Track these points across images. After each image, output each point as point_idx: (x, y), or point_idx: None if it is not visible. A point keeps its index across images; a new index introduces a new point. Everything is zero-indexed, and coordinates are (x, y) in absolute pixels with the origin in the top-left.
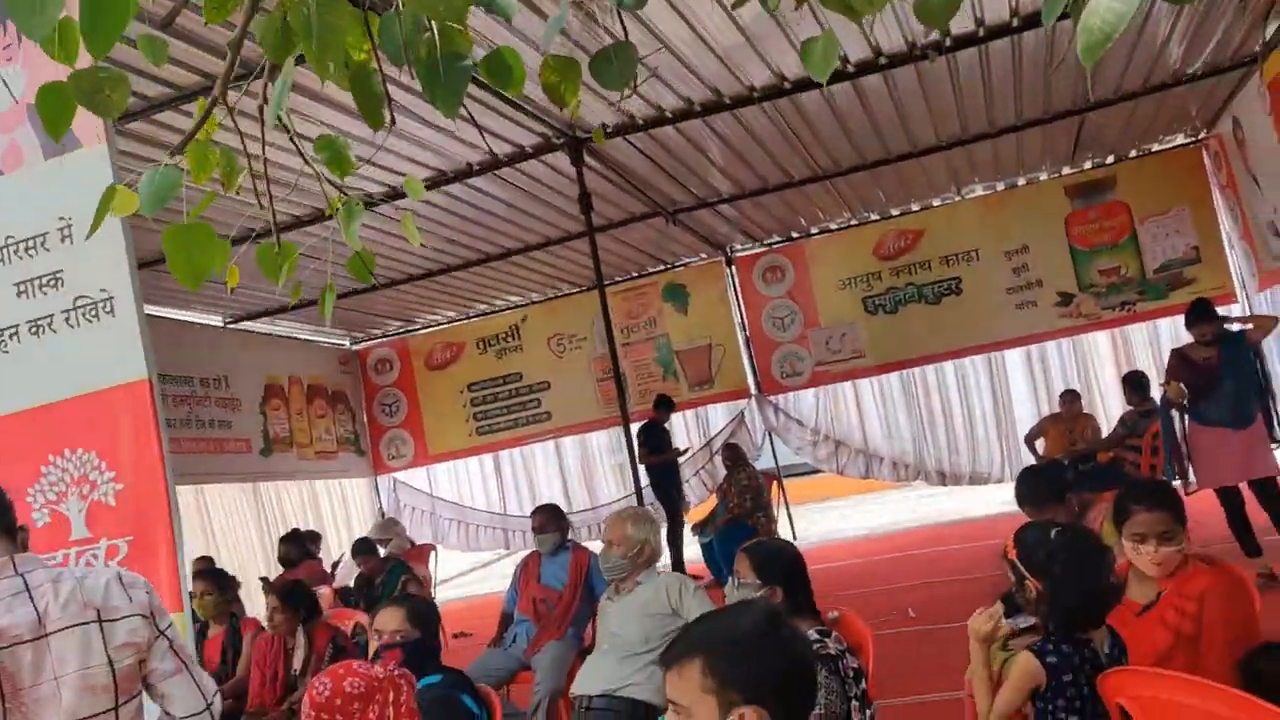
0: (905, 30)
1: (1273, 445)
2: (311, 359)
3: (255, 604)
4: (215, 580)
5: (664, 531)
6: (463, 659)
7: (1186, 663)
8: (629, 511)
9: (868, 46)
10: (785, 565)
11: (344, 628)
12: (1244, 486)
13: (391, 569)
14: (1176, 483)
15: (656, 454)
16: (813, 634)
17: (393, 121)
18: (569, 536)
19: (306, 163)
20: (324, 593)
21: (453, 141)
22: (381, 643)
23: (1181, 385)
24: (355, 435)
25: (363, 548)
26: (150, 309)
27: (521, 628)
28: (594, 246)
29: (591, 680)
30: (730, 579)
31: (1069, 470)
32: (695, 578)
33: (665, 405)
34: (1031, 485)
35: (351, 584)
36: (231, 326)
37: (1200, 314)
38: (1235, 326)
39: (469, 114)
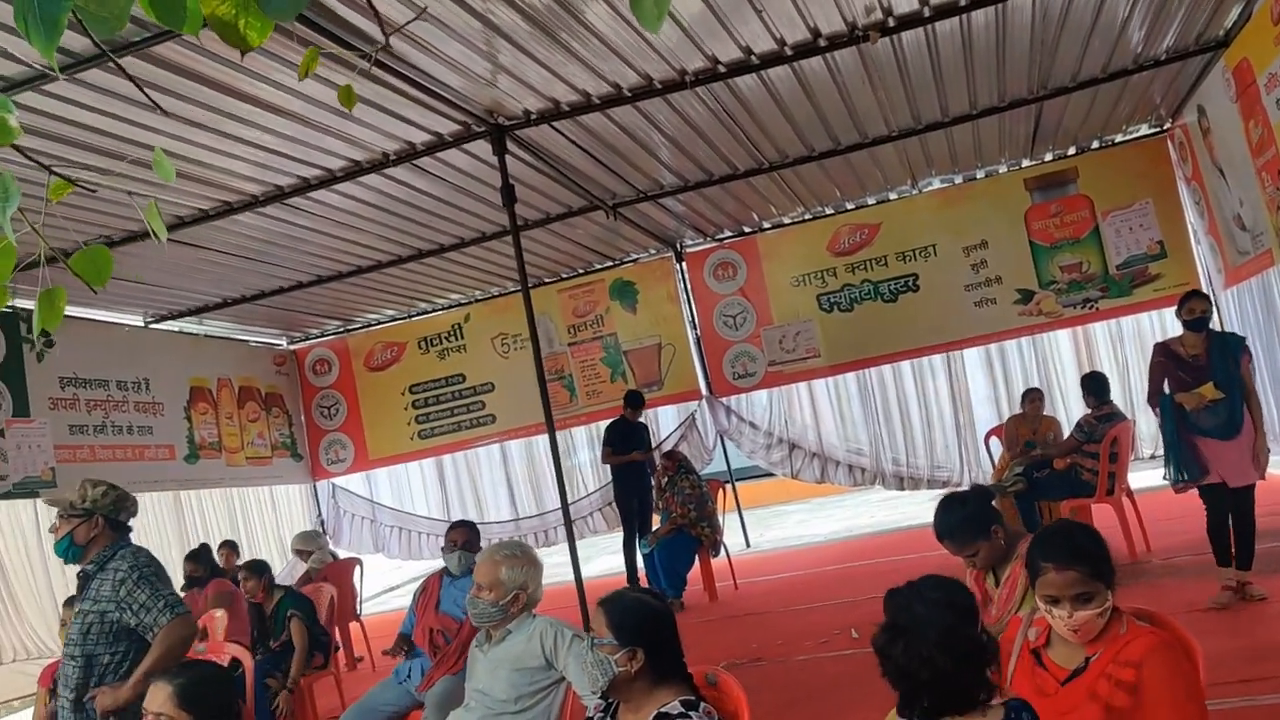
0: (845, 9)
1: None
2: (243, 360)
3: None
4: None
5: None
6: (366, 687)
7: None
8: (504, 550)
9: (805, 28)
10: (647, 623)
11: None
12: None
13: (280, 601)
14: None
15: (616, 454)
16: (677, 705)
17: None
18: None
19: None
20: (218, 615)
21: (367, 131)
22: None
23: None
24: (292, 439)
25: (254, 568)
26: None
27: (417, 662)
28: (517, 240)
29: None
30: (588, 636)
31: (1028, 473)
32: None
33: (633, 402)
34: (952, 519)
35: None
36: (154, 326)
37: (1193, 292)
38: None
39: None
